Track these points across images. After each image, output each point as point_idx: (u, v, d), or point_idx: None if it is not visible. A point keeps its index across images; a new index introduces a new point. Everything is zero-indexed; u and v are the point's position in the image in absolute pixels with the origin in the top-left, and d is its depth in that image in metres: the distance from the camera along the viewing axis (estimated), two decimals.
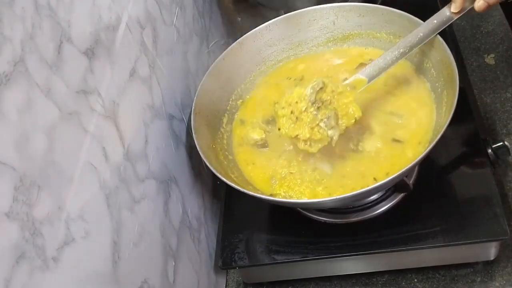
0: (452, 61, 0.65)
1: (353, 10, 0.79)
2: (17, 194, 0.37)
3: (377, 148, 0.69)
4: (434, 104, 0.70)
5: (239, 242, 0.72)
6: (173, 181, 0.67)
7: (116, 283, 0.50)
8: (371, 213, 0.70)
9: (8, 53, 0.38)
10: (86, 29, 0.50)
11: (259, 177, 0.71)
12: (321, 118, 0.64)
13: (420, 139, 0.68)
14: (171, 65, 0.71)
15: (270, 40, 0.82)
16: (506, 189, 0.75)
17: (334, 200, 0.60)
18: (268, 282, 0.76)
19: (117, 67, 0.55)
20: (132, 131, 0.57)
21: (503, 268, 0.70)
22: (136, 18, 0.62)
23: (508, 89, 0.87)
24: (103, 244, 0.49)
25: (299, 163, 0.70)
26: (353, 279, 0.74)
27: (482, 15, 0.99)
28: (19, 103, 0.39)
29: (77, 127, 0.47)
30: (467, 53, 0.94)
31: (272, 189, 0.69)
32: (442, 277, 0.71)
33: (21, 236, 0.37)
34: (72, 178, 0.45)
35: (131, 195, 0.55)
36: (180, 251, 0.66)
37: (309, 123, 0.64)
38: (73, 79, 0.47)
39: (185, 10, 0.80)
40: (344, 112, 0.66)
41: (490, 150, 0.71)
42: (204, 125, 0.73)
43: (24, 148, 0.39)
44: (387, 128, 0.70)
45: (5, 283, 0.35)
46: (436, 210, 0.68)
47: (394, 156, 0.68)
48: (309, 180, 0.68)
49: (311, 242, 0.70)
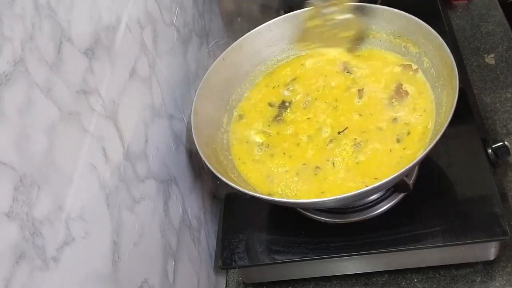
0: (452, 61, 0.65)
1: (352, 10, 0.79)
2: (17, 194, 0.37)
3: (377, 148, 0.69)
4: (434, 104, 0.70)
5: (239, 242, 0.72)
6: (173, 181, 0.67)
7: (116, 283, 0.50)
8: (371, 213, 0.70)
9: (8, 53, 0.38)
10: (86, 29, 0.50)
11: (256, 176, 0.71)
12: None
13: (420, 139, 0.68)
14: (171, 65, 0.71)
15: (270, 40, 0.82)
16: (506, 189, 0.75)
17: (334, 200, 0.60)
18: (268, 282, 0.76)
19: (117, 67, 0.55)
20: (132, 131, 0.57)
21: (503, 268, 0.70)
22: (136, 18, 0.62)
23: (508, 89, 0.87)
24: (103, 244, 0.49)
25: (298, 162, 0.70)
26: (353, 279, 0.74)
27: (482, 15, 0.99)
28: (19, 103, 0.39)
29: (77, 127, 0.47)
30: (467, 53, 0.94)
31: (269, 188, 0.69)
32: (442, 277, 0.71)
33: (21, 236, 0.37)
34: (72, 178, 0.45)
35: (131, 195, 0.55)
36: (180, 251, 0.66)
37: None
38: (73, 79, 0.47)
39: (185, 10, 0.80)
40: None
41: (490, 150, 0.71)
42: (204, 125, 0.73)
43: (24, 148, 0.39)
44: (387, 128, 0.70)
45: (5, 283, 0.35)
46: (436, 210, 0.68)
47: (394, 156, 0.68)
48: (307, 179, 0.68)
49: (311, 242, 0.70)
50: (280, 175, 0.70)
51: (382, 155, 0.68)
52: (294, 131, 0.74)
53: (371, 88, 0.76)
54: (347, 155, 0.69)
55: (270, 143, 0.74)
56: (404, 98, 0.72)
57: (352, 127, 0.72)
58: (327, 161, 0.69)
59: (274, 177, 0.70)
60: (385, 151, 0.68)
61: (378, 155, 0.68)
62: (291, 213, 0.73)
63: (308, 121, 0.75)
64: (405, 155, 0.67)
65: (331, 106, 0.75)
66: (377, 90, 0.75)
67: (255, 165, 0.72)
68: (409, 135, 0.69)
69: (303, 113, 0.76)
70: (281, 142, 0.74)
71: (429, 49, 0.72)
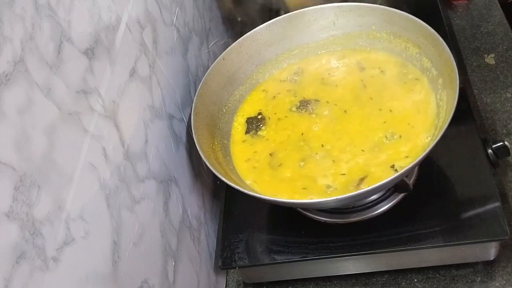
0: (452, 61, 0.65)
1: (353, 10, 0.79)
2: (17, 194, 0.37)
3: (377, 148, 0.69)
4: (434, 104, 0.70)
5: (239, 242, 0.72)
6: (173, 181, 0.67)
7: (116, 283, 0.50)
8: (371, 213, 0.70)
9: (8, 53, 0.38)
10: (86, 29, 0.50)
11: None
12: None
13: (420, 139, 0.68)
14: (171, 65, 0.71)
15: (270, 40, 0.82)
16: (506, 189, 0.75)
17: (334, 200, 0.60)
18: (268, 282, 0.76)
19: (117, 67, 0.55)
20: (132, 131, 0.57)
21: (503, 268, 0.70)
22: (136, 18, 0.62)
23: (508, 89, 0.87)
24: (103, 244, 0.49)
25: (298, 160, 0.70)
26: (353, 279, 0.74)
27: (482, 15, 0.99)
28: (19, 103, 0.39)
29: (77, 127, 0.47)
30: (467, 53, 0.94)
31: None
32: (442, 277, 0.71)
33: (21, 236, 0.37)
34: (72, 178, 0.45)
35: (131, 195, 0.55)
36: (180, 251, 0.66)
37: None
38: (73, 79, 0.47)
39: (185, 10, 0.80)
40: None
41: (490, 150, 0.71)
42: (204, 125, 0.73)
43: (24, 148, 0.39)
44: (387, 128, 0.70)
45: (5, 283, 0.35)
46: (436, 210, 0.68)
47: (394, 156, 0.68)
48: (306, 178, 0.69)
49: (311, 242, 0.70)
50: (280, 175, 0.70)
51: (382, 154, 0.68)
52: (294, 131, 0.75)
53: (372, 87, 0.76)
54: (346, 155, 0.69)
55: (270, 143, 0.74)
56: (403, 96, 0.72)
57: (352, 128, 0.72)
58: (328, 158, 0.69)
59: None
60: (384, 151, 0.68)
61: (378, 155, 0.68)
62: (291, 213, 0.73)
63: (307, 121, 0.75)
64: (405, 155, 0.67)
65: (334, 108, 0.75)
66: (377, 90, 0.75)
67: (252, 165, 0.73)
68: (409, 135, 0.69)
69: (303, 113, 0.76)
70: (283, 143, 0.74)
71: (429, 49, 0.72)
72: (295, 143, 0.73)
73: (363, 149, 0.69)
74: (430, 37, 0.70)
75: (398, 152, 0.67)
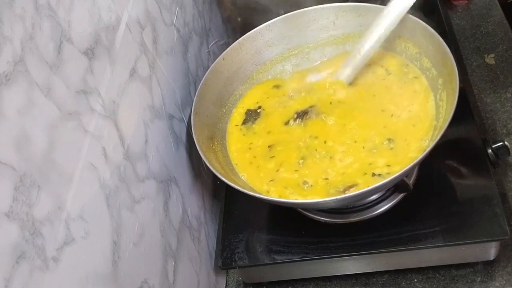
0: (452, 61, 0.65)
1: (353, 10, 0.79)
2: (17, 194, 0.37)
3: (377, 148, 0.69)
4: (434, 104, 0.70)
5: (239, 242, 0.72)
6: (173, 181, 0.67)
7: (116, 283, 0.50)
8: (371, 213, 0.70)
9: (8, 53, 0.38)
10: (86, 29, 0.50)
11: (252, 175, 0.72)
12: None
13: (420, 139, 0.68)
14: (171, 65, 0.71)
15: (270, 40, 0.82)
16: (506, 189, 0.75)
17: (334, 200, 0.60)
18: (268, 282, 0.76)
19: (117, 67, 0.55)
20: (132, 131, 0.57)
21: (503, 268, 0.70)
22: (136, 18, 0.62)
23: (508, 89, 0.87)
24: (103, 244, 0.49)
25: (298, 161, 0.70)
26: (353, 279, 0.74)
27: (482, 15, 0.99)
28: (19, 103, 0.39)
29: (77, 127, 0.47)
30: (467, 53, 0.94)
31: (267, 187, 0.69)
32: (442, 277, 0.71)
33: (21, 236, 0.37)
34: (72, 178, 0.45)
35: (131, 195, 0.55)
36: (180, 251, 0.66)
37: None
38: (73, 79, 0.47)
39: (185, 10, 0.80)
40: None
41: (490, 150, 0.71)
42: (204, 125, 0.73)
43: (24, 148, 0.39)
44: (387, 128, 0.70)
45: (5, 283, 0.35)
46: (436, 210, 0.68)
47: (394, 156, 0.68)
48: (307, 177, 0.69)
49: (311, 242, 0.70)
50: (278, 174, 0.70)
51: (382, 154, 0.68)
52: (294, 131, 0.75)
53: (372, 87, 0.76)
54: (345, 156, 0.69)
55: (270, 143, 0.74)
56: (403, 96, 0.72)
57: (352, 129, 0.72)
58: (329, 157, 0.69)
59: (274, 177, 0.70)
60: (384, 151, 0.68)
61: (378, 155, 0.68)
62: (291, 213, 0.73)
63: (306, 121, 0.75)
64: (405, 155, 0.67)
65: (331, 108, 0.75)
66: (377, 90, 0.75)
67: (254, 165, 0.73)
68: (409, 135, 0.69)
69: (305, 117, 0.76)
70: (283, 144, 0.74)
71: (429, 49, 0.71)
72: (294, 142, 0.73)
73: (363, 148, 0.69)
74: (430, 37, 0.70)
75: (397, 153, 0.67)
